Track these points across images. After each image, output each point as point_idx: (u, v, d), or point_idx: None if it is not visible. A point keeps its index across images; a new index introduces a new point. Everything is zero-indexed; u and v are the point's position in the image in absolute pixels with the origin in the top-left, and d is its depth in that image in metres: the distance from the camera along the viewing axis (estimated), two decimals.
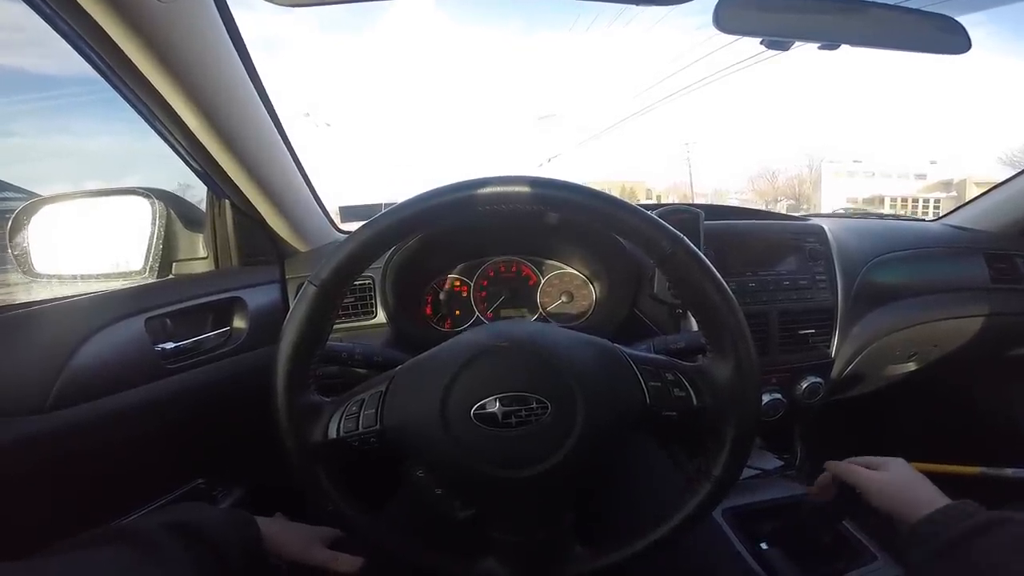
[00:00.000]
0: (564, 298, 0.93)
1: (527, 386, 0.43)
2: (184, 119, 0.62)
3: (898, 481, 0.58)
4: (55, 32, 0.53)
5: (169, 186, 0.81)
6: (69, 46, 0.54)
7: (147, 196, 0.75)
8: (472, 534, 0.49)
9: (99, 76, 0.58)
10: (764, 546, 0.79)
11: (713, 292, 0.44)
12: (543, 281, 0.94)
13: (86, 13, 0.50)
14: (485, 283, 0.93)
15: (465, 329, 0.86)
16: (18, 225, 0.68)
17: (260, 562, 0.50)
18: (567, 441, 0.43)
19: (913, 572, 0.52)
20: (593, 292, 0.93)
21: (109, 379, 0.59)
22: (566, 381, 0.43)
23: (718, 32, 0.66)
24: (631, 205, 0.45)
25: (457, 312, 0.92)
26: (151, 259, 0.74)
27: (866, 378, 1.04)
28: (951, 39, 0.71)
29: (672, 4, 0.59)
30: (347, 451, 0.47)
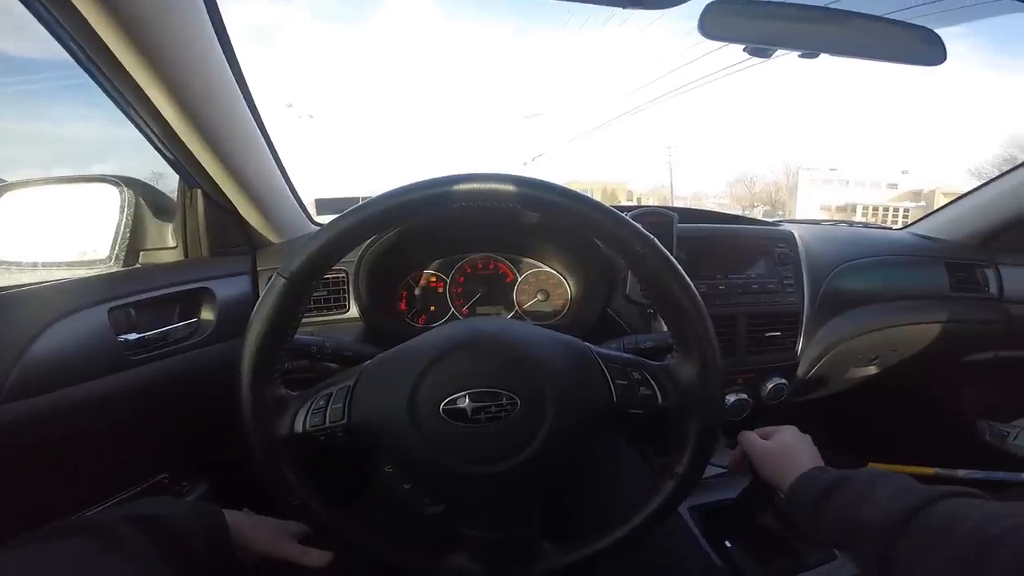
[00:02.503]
0: (540, 296, 0.93)
1: (497, 382, 0.43)
2: (158, 105, 0.61)
3: (778, 449, 0.60)
4: (32, 16, 0.51)
5: (141, 175, 0.79)
6: (45, 30, 0.53)
7: (116, 184, 0.73)
8: (441, 530, 0.50)
9: (72, 62, 0.56)
10: (728, 543, 0.81)
11: (680, 293, 0.45)
12: (520, 279, 0.94)
13: None
14: (462, 280, 0.93)
15: (439, 326, 0.86)
16: None
17: (227, 555, 0.50)
18: (536, 437, 0.43)
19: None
20: (569, 291, 0.94)
21: (69, 370, 0.57)
22: (536, 377, 0.44)
23: (701, 40, 0.67)
24: (603, 205, 0.46)
25: (432, 308, 0.92)
26: (117, 248, 0.72)
27: (829, 380, 1.06)
28: (927, 50, 0.72)
29: (660, 8, 0.59)
30: (313, 445, 0.46)
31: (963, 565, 0.38)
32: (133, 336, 0.64)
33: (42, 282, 0.62)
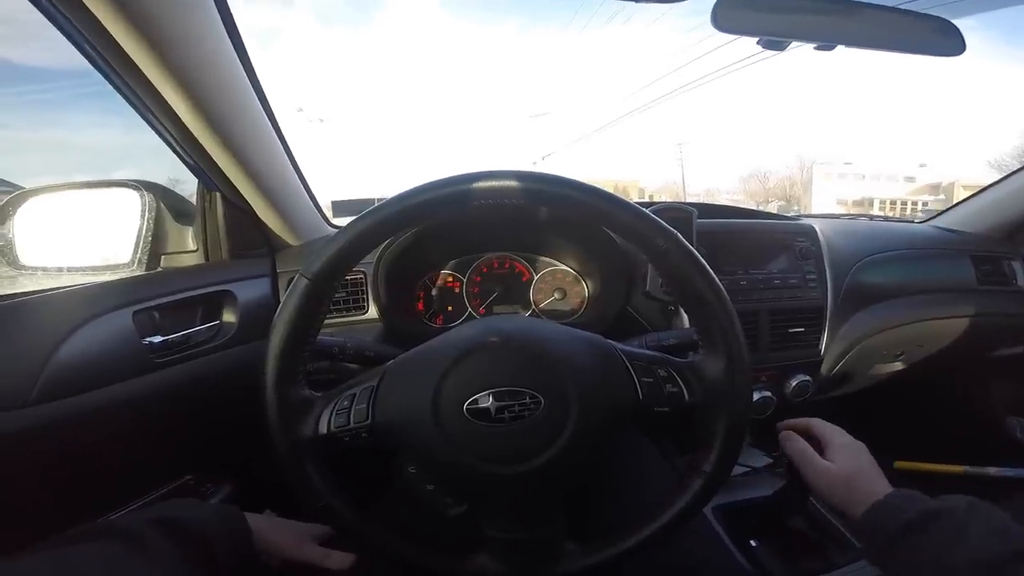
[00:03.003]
0: (557, 295, 0.93)
1: (520, 381, 0.42)
2: (177, 110, 0.62)
3: (843, 475, 0.55)
4: (50, 23, 0.52)
5: (158, 181, 0.80)
6: (64, 37, 0.53)
7: (136, 188, 0.74)
8: (464, 530, 0.49)
9: (92, 68, 0.57)
10: (754, 543, 0.80)
11: (705, 288, 0.44)
12: (536, 278, 0.94)
13: (81, 3, 0.49)
14: (478, 279, 0.93)
15: (458, 325, 0.86)
16: (3, 216, 0.67)
17: (250, 558, 0.50)
18: (560, 436, 0.42)
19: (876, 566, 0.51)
20: (586, 289, 0.93)
21: (95, 373, 0.58)
22: (559, 376, 0.43)
23: (713, 33, 0.66)
24: (625, 201, 0.45)
25: (449, 308, 0.92)
26: (139, 252, 0.73)
27: (854, 377, 1.04)
28: (946, 41, 0.71)
29: (670, 2, 0.59)
30: (338, 446, 0.46)
31: None
32: (157, 339, 0.65)
33: (68, 286, 0.63)
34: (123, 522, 0.44)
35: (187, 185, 0.80)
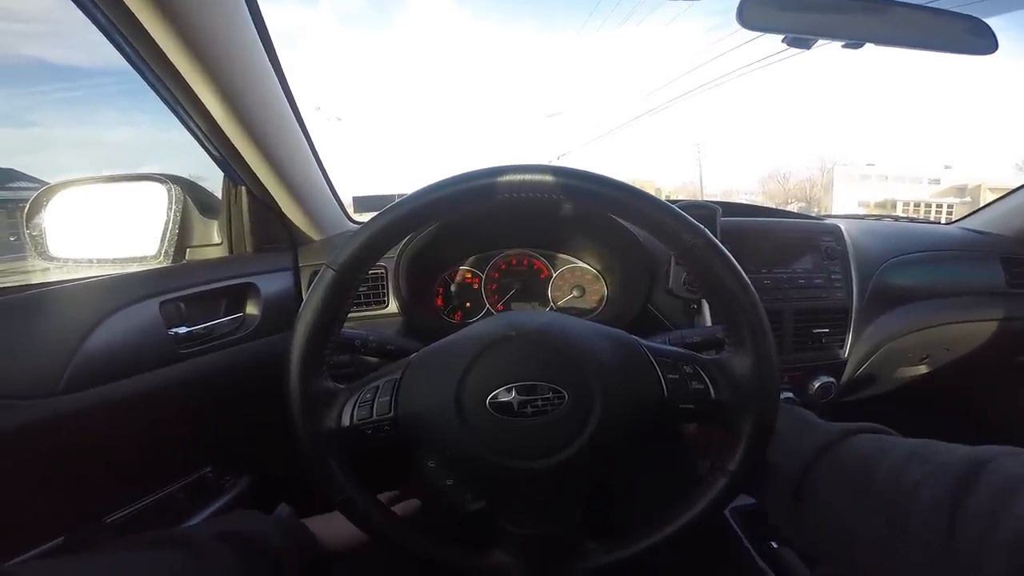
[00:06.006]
0: (576, 292, 0.92)
1: (544, 375, 0.42)
2: (207, 105, 0.63)
3: None
4: (89, 22, 0.53)
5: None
6: (103, 36, 0.55)
7: (163, 182, 0.75)
8: (482, 526, 0.49)
9: (114, 68, 0.59)
10: (774, 545, 0.79)
11: (734, 285, 0.44)
12: (555, 275, 0.93)
13: (122, 2, 0.50)
14: (496, 276, 0.93)
15: (476, 321, 0.86)
16: (36, 208, 0.69)
17: (318, 565, 0.52)
18: (584, 432, 0.42)
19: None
20: (605, 287, 0.93)
21: (123, 362, 0.59)
22: (583, 371, 0.43)
23: (732, 32, 0.66)
24: (652, 196, 0.45)
25: (468, 304, 0.92)
26: (166, 244, 0.74)
27: (878, 379, 1.03)
28: (977, 40, 0.70)
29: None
30: (360, 439, 0.46)
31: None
32: (183, 330, 0.65)
33: (97, 276, 0.64)
34: (187, 533, 0.46)
35: (207, 183, 0.82)
